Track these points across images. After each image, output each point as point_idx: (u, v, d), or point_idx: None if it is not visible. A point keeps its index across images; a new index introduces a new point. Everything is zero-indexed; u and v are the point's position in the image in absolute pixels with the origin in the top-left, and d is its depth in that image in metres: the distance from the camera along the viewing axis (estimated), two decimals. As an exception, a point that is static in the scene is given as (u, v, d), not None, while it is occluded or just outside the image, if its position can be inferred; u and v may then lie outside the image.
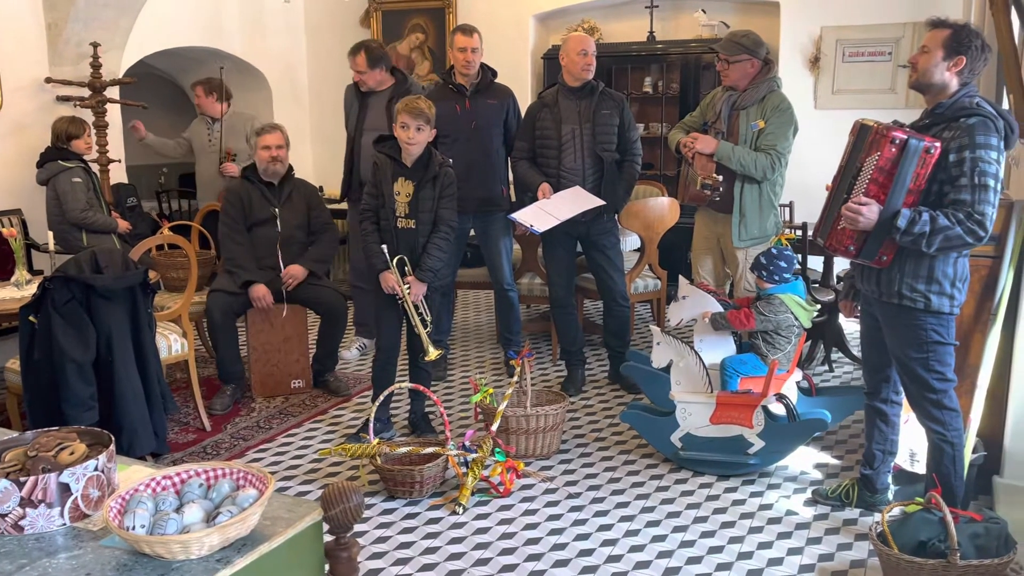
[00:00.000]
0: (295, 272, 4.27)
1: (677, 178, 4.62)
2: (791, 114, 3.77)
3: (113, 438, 1.80)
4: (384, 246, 3.60)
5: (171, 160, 6.26)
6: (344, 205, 5.13)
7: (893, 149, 2.54)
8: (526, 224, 4.06)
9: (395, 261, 3.60)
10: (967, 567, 2.45)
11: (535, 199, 4.21)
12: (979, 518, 2.57)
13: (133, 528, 1.53)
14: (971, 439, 2.92)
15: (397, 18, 7.07)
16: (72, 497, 1.64)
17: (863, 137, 2.68)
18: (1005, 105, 3.37)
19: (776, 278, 3.45)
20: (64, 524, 1.64)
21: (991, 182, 2.51)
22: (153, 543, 1.49)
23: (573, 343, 4.50)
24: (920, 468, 3.12)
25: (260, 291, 4.21)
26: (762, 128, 3.73)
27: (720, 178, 3.79)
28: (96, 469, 1.68)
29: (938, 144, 2.53)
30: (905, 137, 2.53)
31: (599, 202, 4.12)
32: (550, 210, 4.08)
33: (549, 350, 5.09)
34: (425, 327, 3.66)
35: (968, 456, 2.88)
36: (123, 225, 4.90)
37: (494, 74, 4.50)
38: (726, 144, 3.77)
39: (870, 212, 2.59)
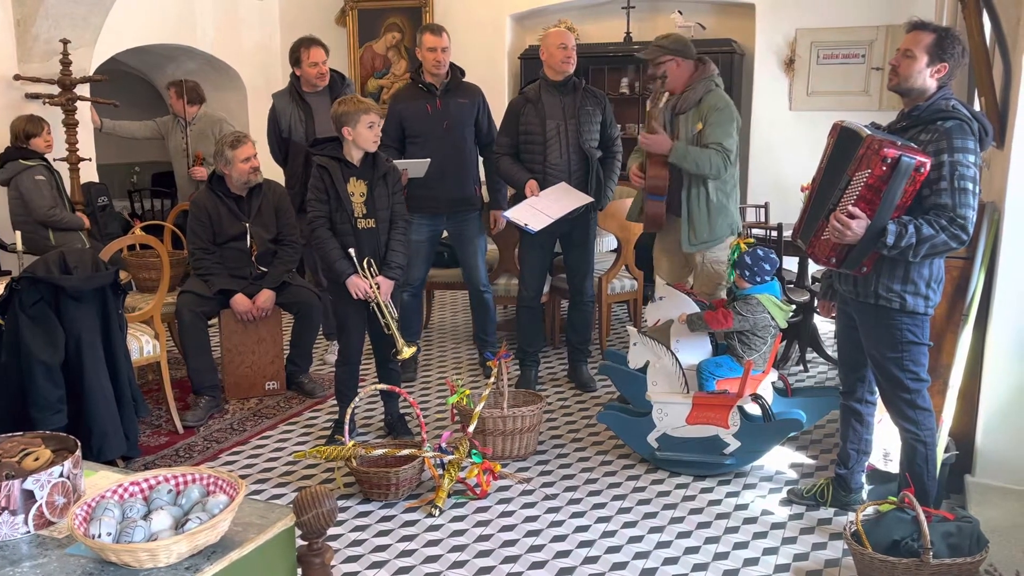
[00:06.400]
0: (266, 305, 4.20)
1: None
2: (731, 111, 3.67)
3: (79, 444, 1.76)
4: (352, 250, 3.56)
5: (140, 139, 6.11)
6: None
7: (884, 167, 2.51)
8: (520, 223, 4.04)
9: (364, 263, 3.56)
10: (940, 566, 2.47)
11: (520, 196, 4.18)
12: (951, 517, 2.60)
13: (99, 536, 1.50)
14: (943, 438, 2.94)
15: (373, 17, 7.04)
16: (36, 504, 1.61)
17: (852, 146, 2.64)
18: (976, 106, 3.40)
19: (758, 279, 3.45)
20: (28, 532, 1.61)
21: (970, 185, 2.53)
22: (119, 551, 1.46)
23: (532, 344, 4.50)
24: (894, 467, 3.14)
25: (244, 304, 4.15)
26: (700, 130, 3.65)
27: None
28: (61, 475, 1.65)
29: (928, 162, 2.52)
30: (898, 155, 2.50)
31: (587, 199, 4.12)
32: (542, 208, 4.06)
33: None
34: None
35: (940, 455, 2.91)
36: (85, 221, 4.85)
37: (462, 73, 4.48)
38: (680, 144, 3.65)
39: (858, 227, 2.57)
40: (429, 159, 4.27)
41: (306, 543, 1.73)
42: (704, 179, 3.67)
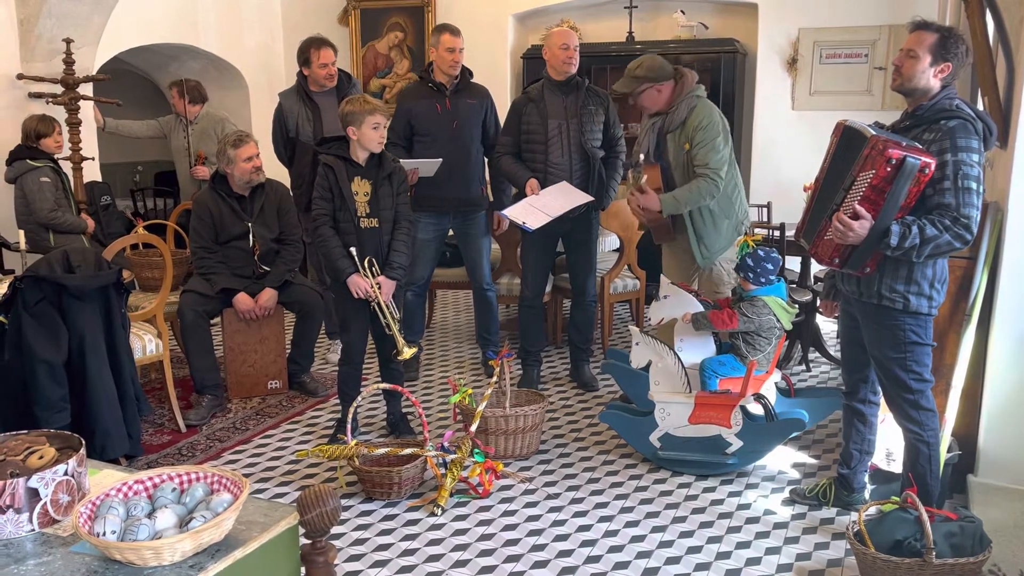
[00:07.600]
0: (268, 304, 4.20)
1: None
2: (715, 126, 3.61)
3: (83, 442, 1.76)
4: (353, 249, 3.56)
5: (143, 139, 6.12)
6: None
7: (889, 168, 2.50)
8: (518, 221, 4.03)
9: (365, 263, 3.57)
10: (942, 566, 2.47)
11: (521, 195, 4.18)
12: (954, 517, 2.59)
13: (103, 534, 1.50)
14: (946, 438, 2.94)
15: (375, 16, 7.04)
16: (41, 502, 1.61)
17: (856, 146, 2.63)
18: (979, 106, 3.40)
19: (762, 280, 3.45)
20: (33, 530, 1.61)
21: (974, 185, 2.52)
22: (124, 549, 1.46)
23: (534, 344, 4.49)
24: (896, 467, 3.14)
25: (246, 303, 4.15)
26: (688, 149, 3.64)
27: (642, 176, 3.74)
28: (66, 474, 1.65)
29: (933, 163, 2.51)
30: (903, 156, 2.49)
31: (588, 198, 4.11)
32: (540, 206, 4.05)
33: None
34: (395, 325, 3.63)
35: (943, 455, 2.91)
36: (90, 224, 4.85)
37: (471, 74, 4.49)
38: (667, 196, 3.65)
39: (861, 228, 2.56)
40: (441, 159, 4.27)
41: (309, 542, 1.73)
42: None
